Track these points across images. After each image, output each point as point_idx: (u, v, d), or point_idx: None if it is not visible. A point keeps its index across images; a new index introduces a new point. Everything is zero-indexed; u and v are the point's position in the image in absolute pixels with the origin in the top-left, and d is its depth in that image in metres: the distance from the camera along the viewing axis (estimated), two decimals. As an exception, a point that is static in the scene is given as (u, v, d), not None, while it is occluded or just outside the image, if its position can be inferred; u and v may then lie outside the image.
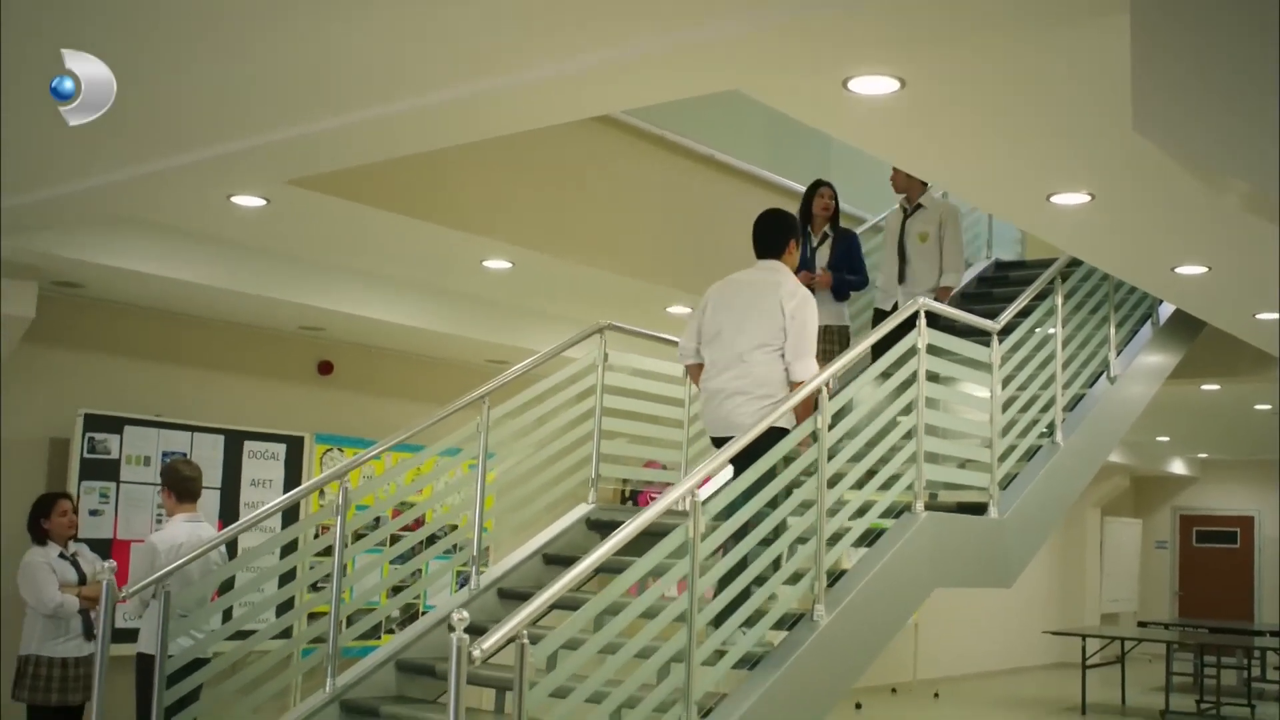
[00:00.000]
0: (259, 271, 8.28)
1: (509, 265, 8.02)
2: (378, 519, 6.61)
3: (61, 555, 7.38)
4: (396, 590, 6.92)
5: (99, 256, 7.59)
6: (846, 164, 10.45)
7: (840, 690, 5.88)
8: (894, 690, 15.86)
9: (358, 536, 6.39)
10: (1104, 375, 8.50)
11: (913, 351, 6.41)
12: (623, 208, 8.22)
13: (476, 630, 6.30)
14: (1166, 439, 17.94)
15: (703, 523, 4.98)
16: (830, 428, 5.72)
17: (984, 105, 4.84)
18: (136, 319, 8.97)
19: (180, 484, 7.01)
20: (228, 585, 7.49)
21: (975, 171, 5.79)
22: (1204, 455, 21.61)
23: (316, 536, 6.58)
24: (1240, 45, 3.25)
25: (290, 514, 8.87)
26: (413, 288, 9.12)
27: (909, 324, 6.44)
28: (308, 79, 4.70)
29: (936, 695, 15.77)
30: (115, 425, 8.55)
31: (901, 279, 8.61)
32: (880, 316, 8.28)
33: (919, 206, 8.69)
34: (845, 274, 8.29)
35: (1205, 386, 11.87)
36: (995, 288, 10.52)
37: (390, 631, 8.36)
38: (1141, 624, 19.35)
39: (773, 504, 5.46)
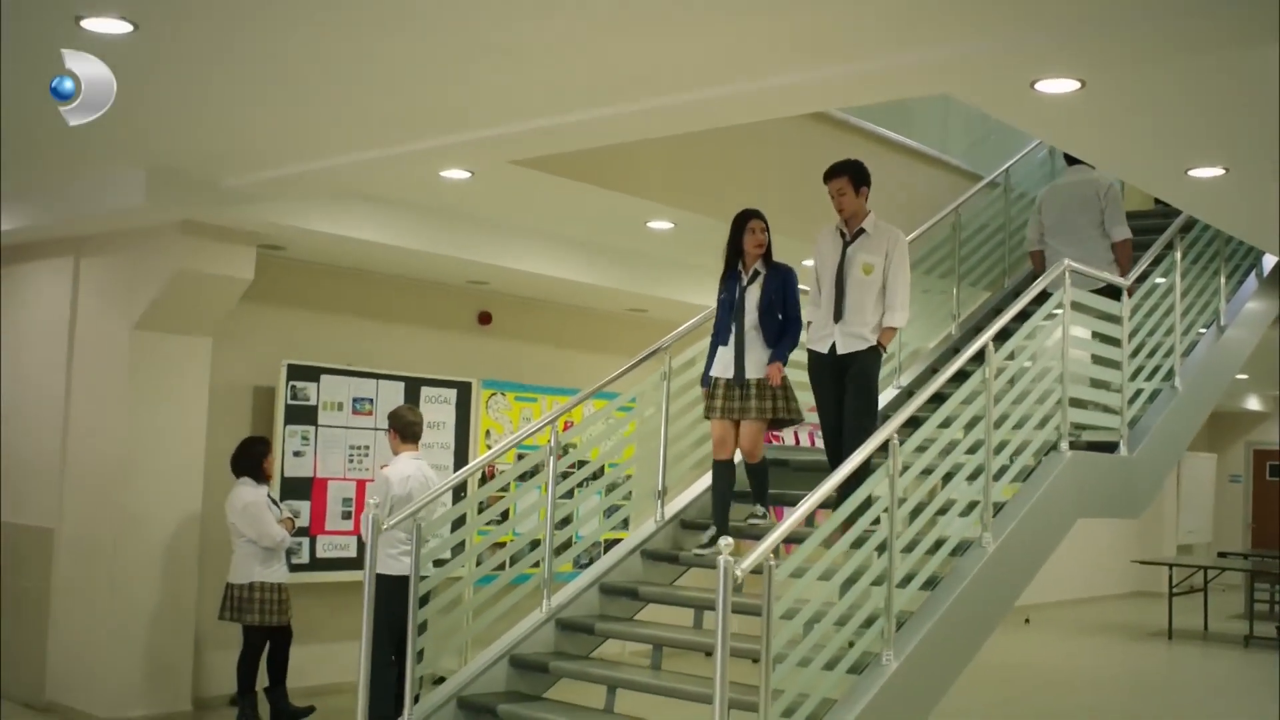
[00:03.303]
0: (439, 232, 9.03)
1: (671, 225, 8.74)
2: (583, 462, 7.37)
3: (269, 495, 8.26)
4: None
5: (302, 221, 8.31)
6: (962, 120, 11.00)
7: (1005, 608, 6.64)
8: (985, 616, 16.49)
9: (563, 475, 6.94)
10: (1215, 324, 9.17)
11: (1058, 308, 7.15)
12: (769, 170, 8.81)
13: (662, 556, 7.17)
14: (1245, 377, 18.38)
15: (899, 461, 5.76)
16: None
17: (1150, 101, 5.54)
18: (329, 277, 9.78)
19: (405, 427, 7.88)
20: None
21: (1130, 152, 6.49)
22: (1278, 392, 22.04)
23: (525, 477, 7.19)
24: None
25: (460, 460, 9.97)
26: (571, 244, 9.87)
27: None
28: (554, 83, 5.44)
29: (1028, 621, 16.42)
30: (313, 374, 9.39)
31: (838, 316, 6.97)
32: (815, 359, 7.08)
33: (861, 232, 7.01)
34: (778, 315, 6.99)
35: (1294, 329, 12.35)
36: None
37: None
38: (1221, 554, 19.95)
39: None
